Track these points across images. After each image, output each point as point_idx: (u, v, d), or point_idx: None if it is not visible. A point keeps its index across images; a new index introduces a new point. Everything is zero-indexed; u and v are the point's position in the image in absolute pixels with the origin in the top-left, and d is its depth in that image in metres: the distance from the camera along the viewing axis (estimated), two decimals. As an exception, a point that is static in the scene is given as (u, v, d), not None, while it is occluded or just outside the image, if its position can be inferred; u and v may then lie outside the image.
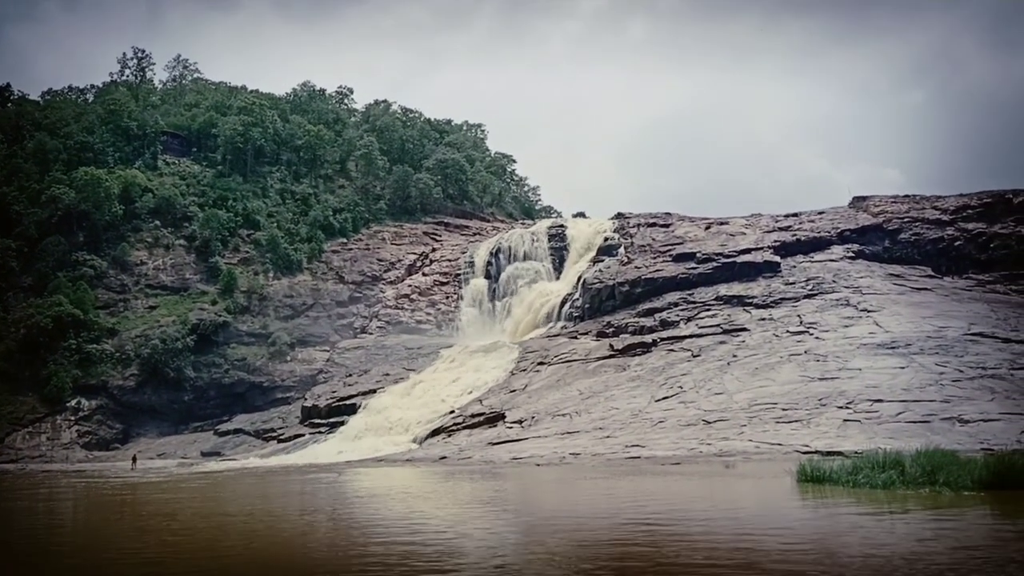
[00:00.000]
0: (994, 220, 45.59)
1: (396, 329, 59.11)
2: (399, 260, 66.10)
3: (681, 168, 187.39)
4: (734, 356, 34.13)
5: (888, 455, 13.85)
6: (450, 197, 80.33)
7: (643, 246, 52.87)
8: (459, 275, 63.01)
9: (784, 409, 25.40)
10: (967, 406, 23.18)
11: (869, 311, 36.25)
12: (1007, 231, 44.73)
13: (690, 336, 39.00)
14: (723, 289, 44.02)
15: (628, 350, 39.71)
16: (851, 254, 46.01)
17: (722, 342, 36.92)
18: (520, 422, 31.98)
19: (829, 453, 19.00)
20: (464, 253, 65.28)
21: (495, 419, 33.85)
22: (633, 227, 57.70)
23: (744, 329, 37.97)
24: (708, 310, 42.07)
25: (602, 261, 54.02)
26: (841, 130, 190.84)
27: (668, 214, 59.42)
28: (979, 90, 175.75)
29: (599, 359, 39.67)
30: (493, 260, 62.03)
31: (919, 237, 46.56)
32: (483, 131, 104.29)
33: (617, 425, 27.89)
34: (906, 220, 47.74)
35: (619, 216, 62.82)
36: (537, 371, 40.43)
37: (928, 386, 25.53)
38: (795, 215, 53.11)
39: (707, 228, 53.54)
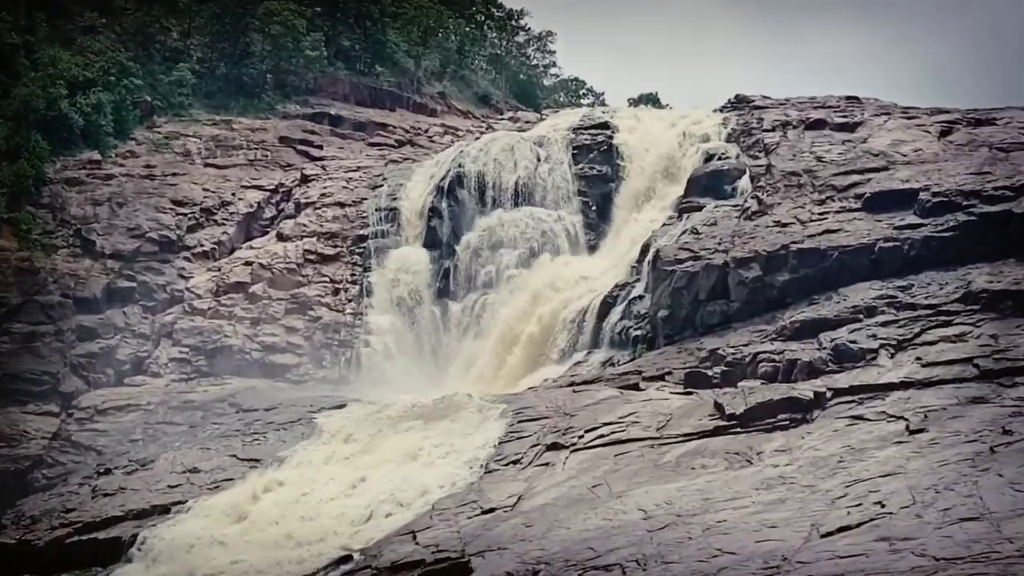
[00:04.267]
0: None
1: (216, 366, 59.71)
2: (224, 203, 66.40)
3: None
4: (1005, 432, 34.38)
5: None
6: (344, 54, 79.90)
7: (793, 174, 53.89)
8: (363, 239, 63.72)
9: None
10: None
11: None
12: None
13: (902, 385, 39.49)
14: (980, 276, 44.70)
15: (758, 417, 40.26)
16: None
17: (976, 400, 37.35)
18: (507, 583, 32.24)
19: None
20: (377, 188, 65.98)
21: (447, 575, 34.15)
22: (770, 128, 58.47)
23: (1027, 370, 38.62)
24: (945, 325, 42.76)
25: (698, 209, 55.29)
26: None
27: (852, 99, 59.72)
28: None
29: (689, 437, 40.14)
30: (444, 203, 63.15)
31: None
32: None
33: (732, 590, 28.16)
34: None
35: (738, 103, 63.33)
36: (546, 464, 40.78)
37: None
38: None
39: (944, 134, 54.40)
